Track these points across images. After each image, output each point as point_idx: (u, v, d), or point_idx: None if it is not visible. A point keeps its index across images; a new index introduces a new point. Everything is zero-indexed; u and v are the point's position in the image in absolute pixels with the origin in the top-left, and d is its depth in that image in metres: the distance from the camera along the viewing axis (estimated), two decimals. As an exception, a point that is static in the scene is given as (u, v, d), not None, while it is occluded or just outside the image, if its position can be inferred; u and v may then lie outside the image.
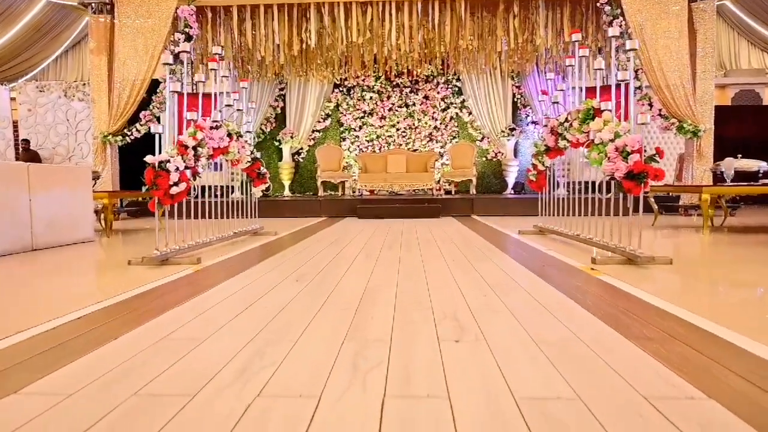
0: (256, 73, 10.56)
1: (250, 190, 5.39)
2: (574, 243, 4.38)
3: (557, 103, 5.61)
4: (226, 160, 4.56)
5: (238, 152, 4.51)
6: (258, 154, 5.17)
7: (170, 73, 8.68)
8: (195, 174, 3.57)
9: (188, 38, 8.49)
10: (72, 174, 4.94)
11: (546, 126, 4.60)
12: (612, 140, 3.22)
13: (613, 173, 3.16)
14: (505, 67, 10.48)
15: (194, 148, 3.55)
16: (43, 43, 11.93)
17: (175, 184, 3.27)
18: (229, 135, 4.17)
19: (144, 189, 3.35)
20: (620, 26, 8.08)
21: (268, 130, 11.40)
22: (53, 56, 12.40)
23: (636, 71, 8.05)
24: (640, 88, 8.18)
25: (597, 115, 3.58)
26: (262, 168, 5.18)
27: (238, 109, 4.83)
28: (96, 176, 7.42)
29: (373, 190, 9.30)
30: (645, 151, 3.21)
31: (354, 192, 9.47)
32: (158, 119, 8.67)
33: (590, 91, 6.29)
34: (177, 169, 3.27)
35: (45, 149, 11.96)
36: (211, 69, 4.58)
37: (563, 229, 4.67)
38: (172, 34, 8.46)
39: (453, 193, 9.82)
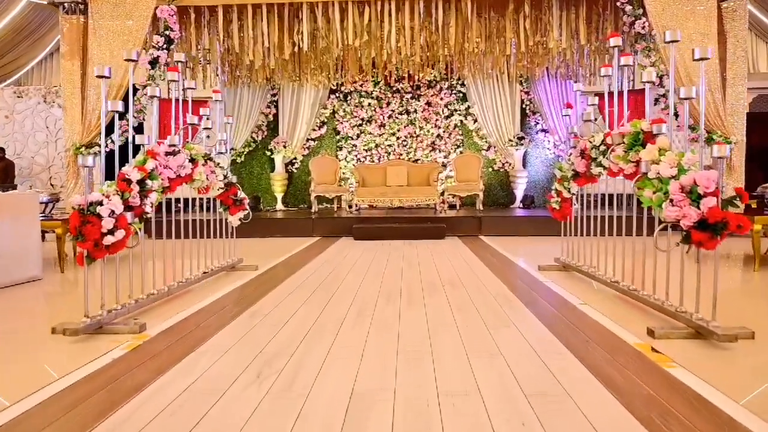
0: (245, 77, 9.83)
1: (226, 219, 4.65)
2: (610, 291, 3.62)
3: (568, 115, 4.88)
4: (192, 188, 3.82)
5: (207, 179, 3.78)
6: (234, 178, 4.43)
7: (150, 79, 7.98)
8: (141, 215, 2.83)
9: (169, 41, 7.77)
10: (14, 202, 4.21)
11: (575, 147, 3.85)
12: (675, 177, 2.49)
13: (679, 220, 2.41)
14: (513, 71, 9.75)
15: (141, 181, 2.81)
16: (26, 45, 11.23)
17: (110, 232, 2.54)
18: (193, 160, 3.43)
19: (70, 238, 2.62)
20: (643, 28, 7.35)
21: (260, 138, 10.66)
22: (37, 59, 11.69)
23: (660, 77, 7.32)
24: (665, 96, 7.43)
25: (647, 141, 2.84)
26: (239, 193, 4.45)
27: (205, 128, 4.09)
28: (55, 199, 6.68)
29: (372, 205, 8.55)
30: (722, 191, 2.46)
31: (350, 207, 8.73)
32: (136, 129, 7.91)
33: (602, 97, 5.60)
34: (112, 213, 2.53)
35: (24, 158, 11.22)
36: (171, 80, 3.84)
37: (595, 269, 3.92)
38: (151, 37, 7.74)
39: (458, 207, 9.08)
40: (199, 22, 8.28)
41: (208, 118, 10.47)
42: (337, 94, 10.63)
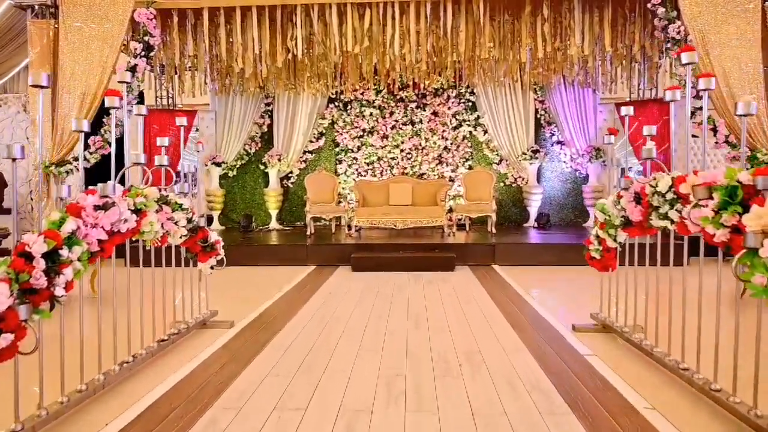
0: (236, 86, 9.06)
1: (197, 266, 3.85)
2: (681, 382, 2.81)
3: (611, 144, 4.07)
4: (143, 241, 3.04)
5: (162, 227, 3.00)
6: (202, 221, 3.65)
7: (127, 91, 7.21)
8: (50, 299, 2.06)
9: (148, 48, 7.01)
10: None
11: (626, 189, 3.04)
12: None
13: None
14: (527, 78, 8.95)
15: (51, 253, 2.04)
16: (8, 51, 10.50)
17: (-7, 336, 1.78)
18: (137, 211, 2.66)
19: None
20: (677, 32, 6.54)
21: (253, 151, 9.90)
22: (19, 66, 10.97)
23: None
24: (701, 109, 6.60)
25: (750, 198, 2.03)
26: (210, 237, 3.67)
27: (161, 166, 3.31)
28: (4, 234, 5.91)
29: (374, 225, 7.76)
30: None
31: (350, 228, 7.94)
32: (110, 144, 7.15)
33: (621, 106, 4.78)
34: (-6, 310, 1.77)
35: (5, 171, 10.49)
36: (109, 108, 3.09)
37: (651, 345, 3.11)
38: (128, 43, 6.97)
39: (468, 228, 8.28)
40: (183, 27, 7.52)
41: (197, 130, 9.71)
42: (337, 103, 9.87)
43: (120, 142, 9.22)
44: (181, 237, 3.28)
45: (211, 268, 3.80)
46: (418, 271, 6.30)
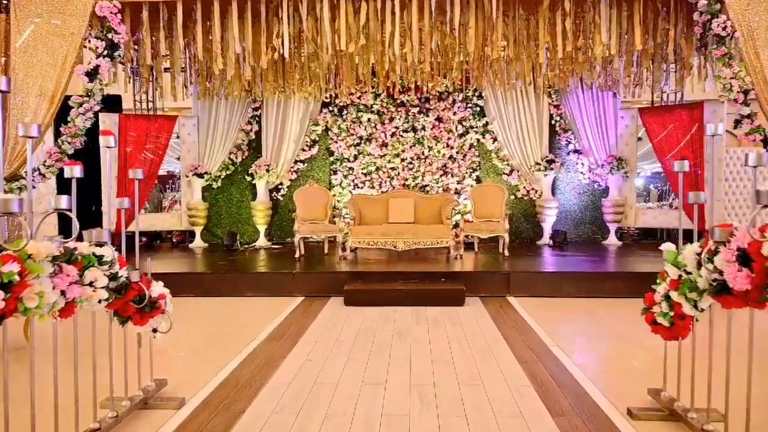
0: (218, 89, 8.19)
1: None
2: None
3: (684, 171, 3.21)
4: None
5: (64, 296, 2.11)
6: (135, 275, 2.76)
7: (87, 95, 6.35)
8: None
9: (112, 46, 6.14)
10: None
11: (726, 245, 2.13)
12: None
13: None
14: (541, 81, 8.06)
15: None
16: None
17: None
18: (6, 285, 1.77)
19: None
20: (722, 28, 5.65)
21: (239, 160, 9.03)
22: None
23: (744, 93, 5.62)
24: (750, 117, 5.73)
25: None
26: (146, 292, 2.78)
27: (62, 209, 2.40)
28: None
29: (372, 244, 6.88)
30: None
31: (344, 250, 7.06)
32: (70, 157, 6.28)
33: (649, 113, 3.98)
34: None
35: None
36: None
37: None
38: (89, 41, 6.10)
39: (476, 249, 7.39)
40: (155, 23, 6.64)
41: (178, 137, 8.80)
42: (331, 108, 8.99)
43: (92, 154, 8.38)
44: (101, 302, 2.39)
45: (154, 331, 2.91)
46: (422, 305, 5.41)
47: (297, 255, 6.96)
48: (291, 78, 7.58)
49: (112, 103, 9.10)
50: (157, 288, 2.91)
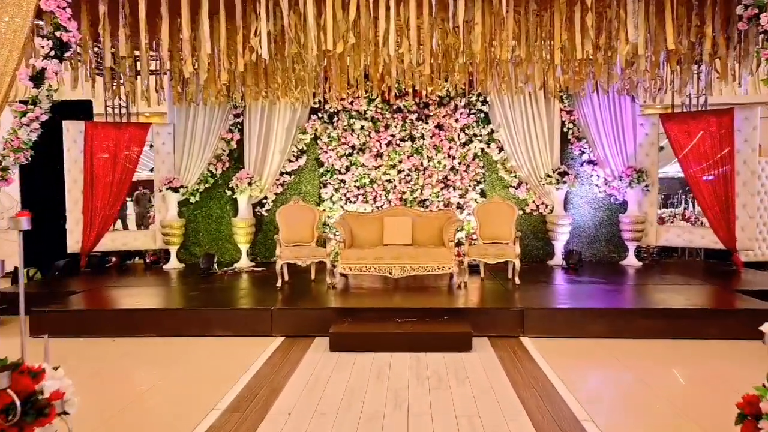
0: (195, 94, 7.34)
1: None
2: None
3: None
4: None
5: None
6: (3, 378, 1.92)
7: (32, 103, 5.54)
8: None
9: (61, 46, 5.28)
10: None
11: None
12: None
13: None
14: (553, 84, 7.23)
15: None
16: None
17: None
18: None
19: None
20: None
21: (219, 172, 8.18)
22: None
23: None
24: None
25: None
26: (17, 401, 1.93)
27: None
28: None
29: (364, 270, 6.06)
30: None
31: (333, 276, 6.23)
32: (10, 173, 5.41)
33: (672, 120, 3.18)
34: None
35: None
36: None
37: None
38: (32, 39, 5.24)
39: (482, 274, 6.56)
40: (114, 20, 5.78)
41: (151, 146, 7.93)
42: (320, 114, 8.16)
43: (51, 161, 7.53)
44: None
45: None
46: (421, 351, 4.59)
47: (279, 283, 6.12)
48: (273, 82, 6.74)
49: (81, 110, 8.29)
50: (52, 384, 2.07)
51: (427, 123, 8.07)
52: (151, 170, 8.31)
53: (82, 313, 5.22)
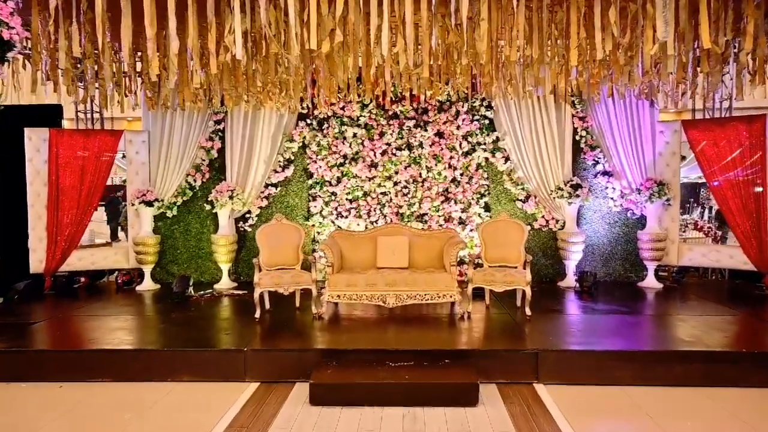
0: (168, 98, 6.63)
1: None
2: None
3: None
4: None
5: None
6: None
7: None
8: None
9: (2, 46, 4.59)
10: None
11: None
12: None
13: None
14: (565, 87, 6.51)
15: None
16: None
17: None
18: None
19: None
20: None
21: (198, 183, 7.47)
22: None
23: None
24: None
25: None
26: None
27: None
28: None
29: (354, 298, 5.36)
30: None
31: (319, 309, 5.52)
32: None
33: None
34: None
35: None
36: None
37: None
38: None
39: (487, 302, 5.85)
40: (69, 16, 5.07)
41: (124, 156, 7.21)
42: (309, 121, 7.46)
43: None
44: None
45: None
46: (418, 405, 3.88)
47: (258, 314, 5.40)
48: (253, 85, 6.02)
49: (50, 116, 7.59)
50: None
51: (425, 130, 7.35)
52: (123, 181, 7.60)
53: (25, 354, 4.50)
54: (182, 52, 5.61)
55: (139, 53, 6.16)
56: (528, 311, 5.34)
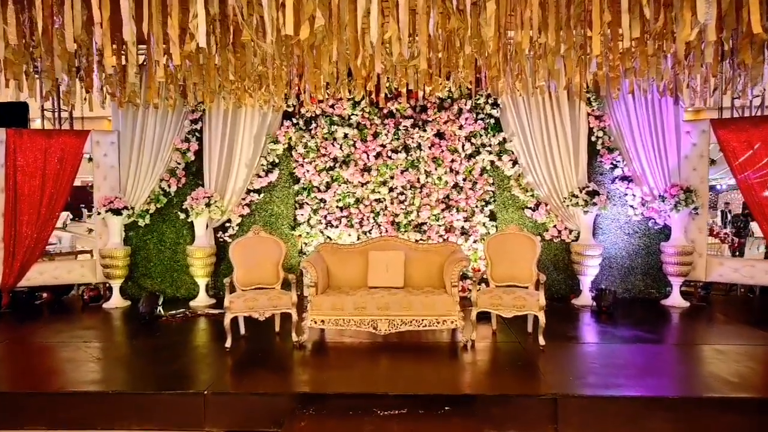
0: (131, 95, 5.90)
1: None
2: None
3: None
4: None
5: None
6: None
7: None
8: None
9: None
10: None
11: None
12: None
13: None
14: (580, 82, 5.77)
15: None
16: None
17: None
18: None
19: None
20: None
21: (173, 189, 6.75)
22: None
23: None
24: None
25: None
26: None
27: None
28: None
29: (343, 326, 4.65)
30: None
31: (299, 335, 4.79)
32: None
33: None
34: None
35: None
36: None
37: None
38: None
39: (494, 327, 5.11)
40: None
41: (90, 159, 6.57)
42: (295, 120, 6.73)
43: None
44: None
45: None
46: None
47: (228, 343, 4.68)
48: (226, 80, 5.29)
49: (13, 114, 6.90)
50: None
51: (424, 130, 6.62)
52: (90, 187, 6.89)
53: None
54: (144, 41, 4.90)
55: (98, 43, 5.45)
56: (542, 341, 4.59)
